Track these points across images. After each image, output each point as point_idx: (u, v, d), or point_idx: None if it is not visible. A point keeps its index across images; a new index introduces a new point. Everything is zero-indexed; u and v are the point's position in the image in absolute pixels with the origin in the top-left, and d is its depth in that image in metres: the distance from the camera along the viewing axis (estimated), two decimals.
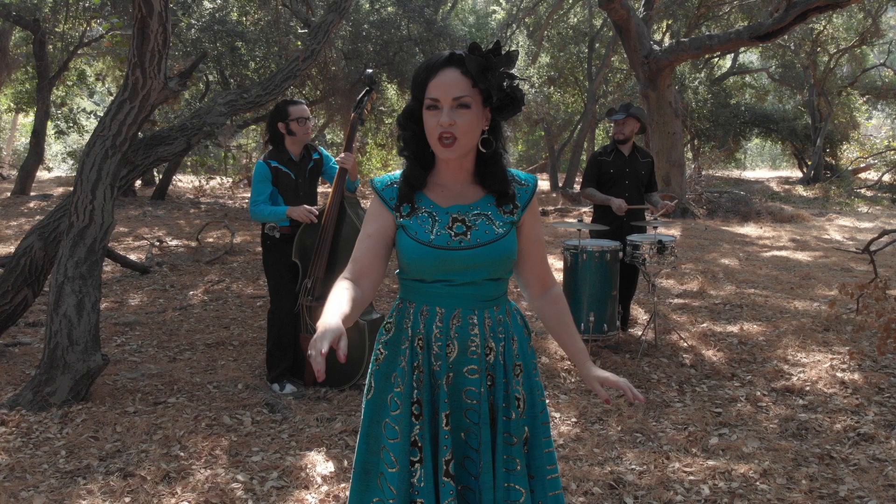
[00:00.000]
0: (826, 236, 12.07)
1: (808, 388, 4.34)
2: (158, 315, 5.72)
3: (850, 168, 22.30)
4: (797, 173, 24.81)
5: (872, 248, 5.89)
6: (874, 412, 3.98)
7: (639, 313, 6.01)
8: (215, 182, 17.17)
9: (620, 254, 4.94)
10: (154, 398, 3.94)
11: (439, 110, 1.69)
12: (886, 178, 21.13)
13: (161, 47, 3.95)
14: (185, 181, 18.80)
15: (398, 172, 1.87)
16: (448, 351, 1.78)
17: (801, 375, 4.56)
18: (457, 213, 1.79)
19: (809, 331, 5.57)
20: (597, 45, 19.36)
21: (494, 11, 18.55)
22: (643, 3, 13.21)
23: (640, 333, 5.28)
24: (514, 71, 1.76)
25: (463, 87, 1.70)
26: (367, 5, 12.55)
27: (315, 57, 6.10)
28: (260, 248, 4.48)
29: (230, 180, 17.73)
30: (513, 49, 1.75)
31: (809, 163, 22.25)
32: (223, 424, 3.64)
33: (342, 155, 4.16)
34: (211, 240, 9.77)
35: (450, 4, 14.59)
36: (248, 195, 15.79)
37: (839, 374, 4.56)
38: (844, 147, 23.48)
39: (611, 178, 5.19)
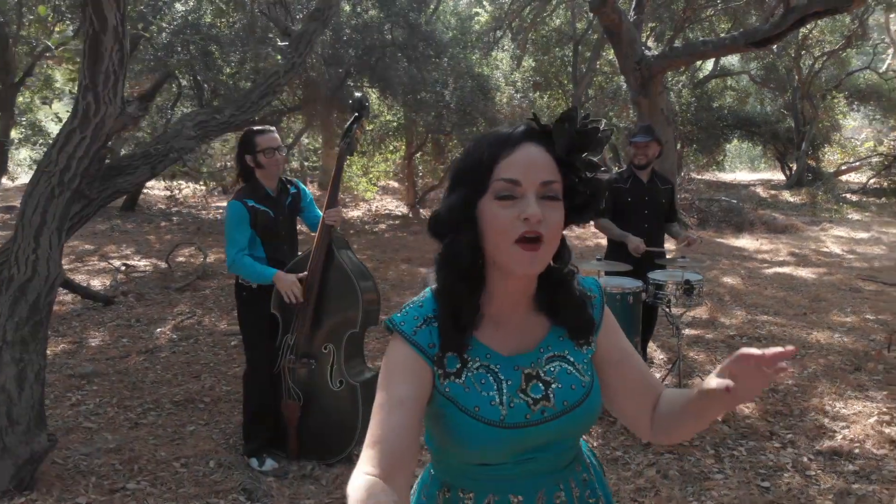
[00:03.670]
0: (825, 249, 11.72)
1: (856, 451, 3.86)
2: (120, 362, 5.09)
3: (833, 172, 22.12)
4: (778, 175, 24.61)
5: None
6: None
7: (655, 352, 5.51)
8: (188, 191, 16.42)
9: (644, 294, 4.42)
10: (111, 483, 3.33)
11: (517, 199, 1.14)
12: (872, 181, 21.00)
13: (117, 67, 3.35)
14: (157, 188, 18.00)
15: (423, 300, 1.26)
16: None
17: (846, 432, 4.09)
18: (528, 365, 1.23)
19: (840, 371, 5.12)
20: (580, 48, 18.90)
21: (477, 14, 18.00)
22: (633, 7, 12.74)
23: (660, 377, 4.77)
24: (595, 158, 1.20)
25: (552, 170, 1.16)
26: (348, 8, 11.93)
27: (296, 70, 5.51)
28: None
29: (203, 188, 16.97)
30: (606, 129, 1.19)
31: (793, 166, 22.01)
32: None
33: (329, 211, 3.57)
34: (182, 259, 9.13)
35: (432, 7, 14.01)
36: (224, 204, 15.13)
37: (886, 431, 4.09)
38: (826, 150, 23.32)
39: (628, 208, 4.63)
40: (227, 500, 3.23)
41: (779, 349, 1.03)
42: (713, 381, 1.08)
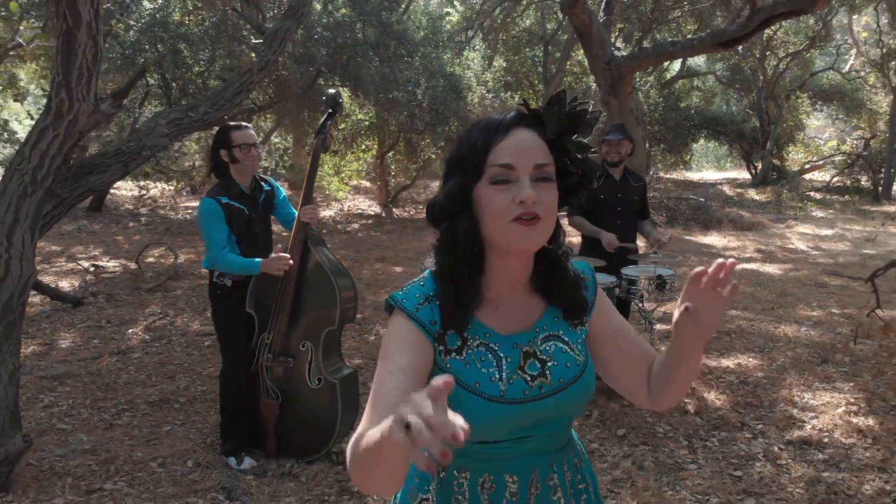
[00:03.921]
0: (791, 246, 11.97)
1: (825, 440, 3.96)
2: (93, 363, 5.02)
3: (797, 170, 22.58)
4: (744, 174, 25.03)
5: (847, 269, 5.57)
6: None
7: None
8: (156, 190, 16.19)
9: (617, 289, 4.48)
10: (87, 484, 3.29)
11: (512, 183, 1.17)
12: (835, 179, 21.49)
13: (91, 64, 3.31)
14: (124, 189, 17.71)
15: (423, 280, 1.29)
16: None
17: (815, 422, 4.19)
18: (526, 343, 1.27)
19: (807, 363, 5.25)
20: (550, 48, 19.05)
21: (448, 14, 18.03)
22: (603, 7, 12.87)
23: None
24: (586, 139, 1.25)
25: (545, 153, 1.20)
26: (319, 6, 11.87)
27: (270, 67, 5.48)
28: (205, 271, 3.82)
29: (172, 187, 16.75)
30: (595, 111, 1.23)
31: (758, 165, 22.42)
32: None
33: (305, 208, 3.56)
34: (152, 260, 9.01)
35: (403, 6, 14.00)
36: (193, 204, 14.95)
37: (854, 420, 4.21)
38: (791, 149, 23.79)
39: (601, 205, 4.69)
40: (206, 500, 3.21)
41: (720, 260, 1.12)
42: (676, 313, 1.15)
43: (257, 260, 3.50)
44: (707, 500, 3.33)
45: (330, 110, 3.77)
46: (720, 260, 1.13)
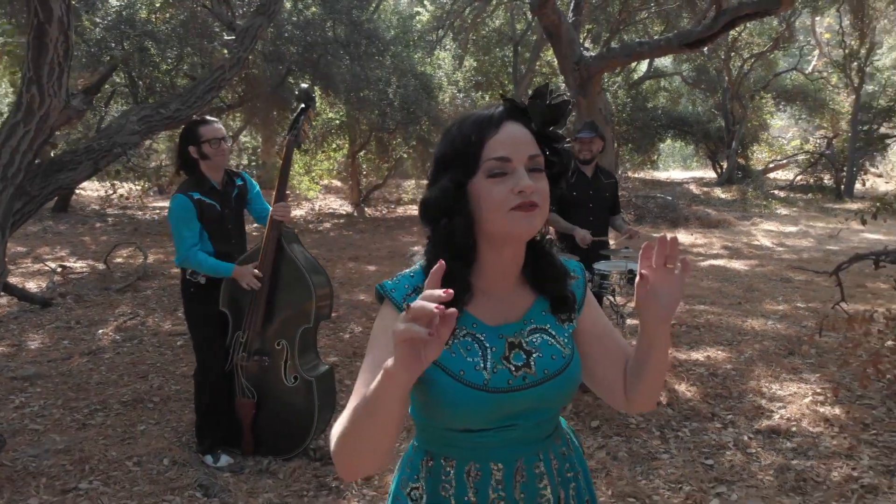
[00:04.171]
0: (756, 242, 12.21)
1: (793, 429, 4.07)
2: (63, 363, 4.95)
3: (761, 169, 23.03)
4: (710, 173, 25.46)
5: (812, 263, 5.72)
6: (868, 455, 3.73)
7: None
8: (123, 191, 15.94)
9: (589, 284, 4.54)
10: (62, 484, 3.25)
11: (508, 175, 1.21)
12: (799, 178, 21.95)
13: (62, 59, 3.28)
14: (89, 189, 17.42)
15: (414, 271, 1.31)
16: None
17: (783, 412, 4.30)
18: (512, 334, 1.29)
19: (774, 355, 5.38)
20: (520, 48, 19.18)
21: (419, 13, 18.05)
22: (572, 8, 13.00)
23: None
24: (560, 129, 1.30)
25: (534, 145, 1.24)
26: (290, 5, 11.81)
27: (241, 64, 5.46)
28: (176, 271, 3.76)
29: (139, 188, 16.50)
30: (566, 97, 1.27)
31: (724, 164, 22.81)
32: None
33: (277, 206, 3.52)
34: (120, 260, 8.90)
35: (373, 5, 13.99)
36: (163, 205, 14.72)
37: (821, 409, 4.32)
38: (755, 148, 24.26)
39: (573, 202, 4.76)
40: (183, 497, 3.19)
41: (663, 235, 1.22)
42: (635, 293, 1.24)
43: (230, 265, 3.47)
44: (680, 489, 3.40)
45: (303, 105, 3.71)
46: (663, 234, 1.20)
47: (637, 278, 1.24)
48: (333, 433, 1.14)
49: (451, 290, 0.95)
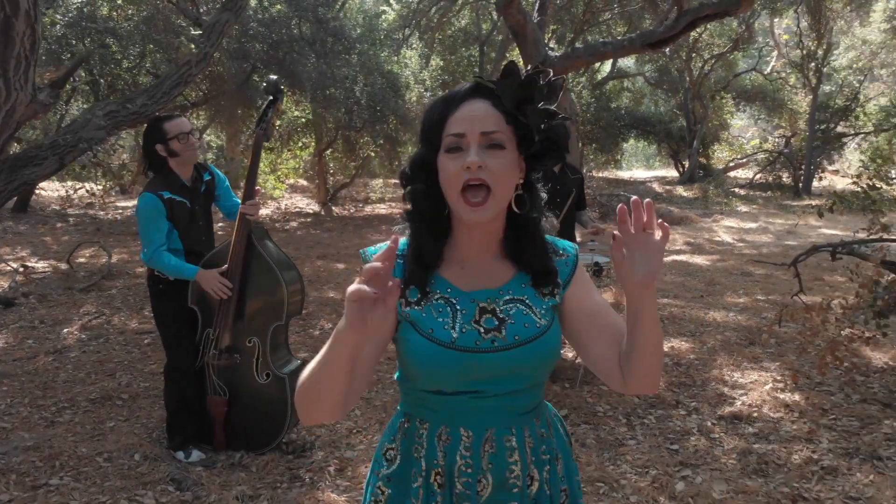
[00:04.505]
0: (717, 238, 12.47)
1: (755, 415, 4.20)
2: (29, 363, 4.88)
3: (722, 168, 23.49)
4: (672, 173, 25.87)
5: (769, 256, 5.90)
6: (827, 438, 3.87)
7: None
8: (84, 191, 15.66)
9: None
10: (32, 480, 3.22)
11: (463, 151, 1.25)
12: (758, 176, 22.43)
13: (29, 53, 3.25)
14: (49, 189, 17.07)
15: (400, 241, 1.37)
16: (479, 488, 1.31)
17: (745, 399, 4.43)
18: (484, 300, 1.33)
19: (736, 345, 5.52)
20: (486, 48, 19.30)
21: (384, 12, 18.06)
22: (537, 8, 13.12)
23: (574, 358, 5.01)
24: (552, 105, 1.31)
25: (495, 121, 1.27)
26: (255, 2, 11.73)
27: (209, 60, 5.44)
28: (141, 270, 3.70)
29: (101, 187, 16.22)
30: (556, 77, 1.31)
31: (685, 163, 23.21)
32: None
33: (247, 203, 3.45)
34: (83, 260, 8.75)
35: (339, 3, 13.96)
36: (127, 205, 14.46)
37: (781, 396, 4.46)
38: (716, 148, 24.72)
39: None
40: (155, 492, 3.19)
41: (636, 197, 1.19)
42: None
43: (194, 267, 3.41)
44: (646, 473, 3.49)
45: (271, 98, 3.62)
46: (635, 198, 1.19)
47: (612, 241, 1.20)
48: (298, 383, 1.22)
49: (387, 264, 1.05)
